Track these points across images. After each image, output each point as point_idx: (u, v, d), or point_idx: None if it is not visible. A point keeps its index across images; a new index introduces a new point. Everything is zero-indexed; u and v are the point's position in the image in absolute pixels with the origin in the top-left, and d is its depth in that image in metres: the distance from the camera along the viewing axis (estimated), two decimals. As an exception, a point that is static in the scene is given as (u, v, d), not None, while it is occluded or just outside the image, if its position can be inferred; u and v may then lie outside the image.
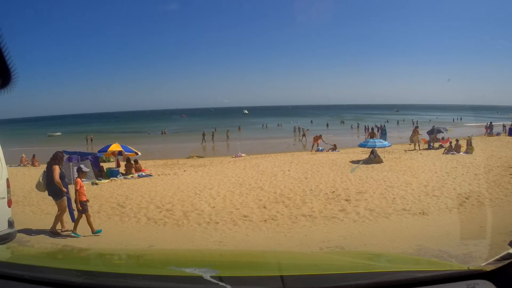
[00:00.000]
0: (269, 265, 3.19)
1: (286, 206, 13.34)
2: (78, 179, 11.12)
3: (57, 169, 10.93)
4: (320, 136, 37.52)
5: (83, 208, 10.88)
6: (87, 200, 11.40)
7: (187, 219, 12.43)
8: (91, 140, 60.01)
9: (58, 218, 11.05)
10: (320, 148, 34.74)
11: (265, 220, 11.87)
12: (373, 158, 24.12)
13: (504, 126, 48.06)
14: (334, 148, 33.93)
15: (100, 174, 22.76)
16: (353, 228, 10.95)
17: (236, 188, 16.88)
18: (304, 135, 50.47)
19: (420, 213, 12.18)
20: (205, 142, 52.10)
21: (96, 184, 20.43)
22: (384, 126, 42.08)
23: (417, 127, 36.49)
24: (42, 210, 14.45)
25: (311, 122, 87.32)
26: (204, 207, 13.71)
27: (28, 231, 11.33)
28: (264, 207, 13.37)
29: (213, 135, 54.86)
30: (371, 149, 25.09)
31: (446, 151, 28.22)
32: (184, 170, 24.11)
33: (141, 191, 17.73)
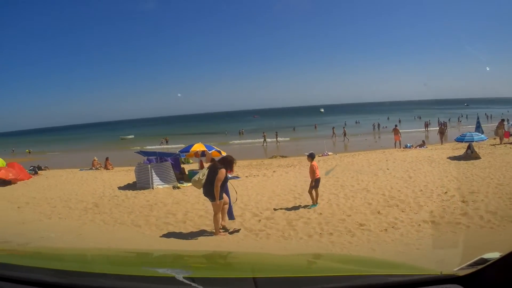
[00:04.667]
0: (242, 267, 3.20)
1: (402, 211, 12.19)
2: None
3: (223, 173, 10.58)
4: (397, 129, 38.39)
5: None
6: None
7: (294, 229, 11.03)
8: (166, 141, 61.30)
9: (217, 220, 10.84)
10: (409, 144, 34.54)
11: (386, 229, 10.58)
12: (470, 154, 23.35)
13: None
14: (422, 144, 33.78)
15: (182, 177, 21.45)
16: (485, 236, 9.78)
17: (338, 190, 15.66)
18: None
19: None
20: (266, 143, 52.67)
21: (178, 188, 19.16)
22: (478, 118, 39.37)
23: (503, 120, 35.64)
24: (116, 219, 13.50)
25: (388, 118, 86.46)
26: (310, 213, 12.45)
27: (98, 244, 10.48)
28: (378, 212, 12.21)
29: (276, 135, 54.84)
30: (467, 144, 24.34)
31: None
32: (274, 171, 23.23)
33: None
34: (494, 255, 2.10)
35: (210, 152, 23.47)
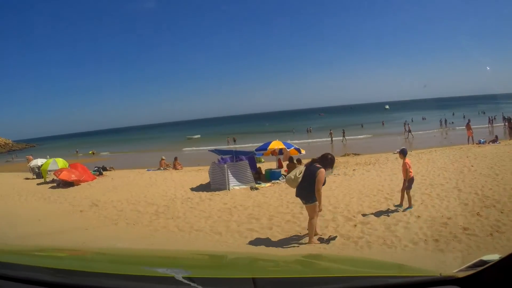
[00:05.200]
0: (242, 268, 3.21)
1: (501, 212, 11.08)
2: None
3: (323, 174, 9.68)
4: (469, 125, 37.48)
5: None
6: None
7: (395, 235, 9.87)
8: (234, 140, 60.85)
9: (312, 225, 9.91)
10: (482, 140, 33.38)
11: (491, 234, 9.48)
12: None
13: None
14: (495, 139, 32.51)
15: (258, 176, 20.18)
16: None
17: (429, 190, 14.32)
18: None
19: None
20: (332, 141, 51.85)
21: (256, 188, 17.65)
22: None
23: None
24: (192, 225, 12.11)
25: (453, 114, 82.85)
26: (407, 217, 11.27)
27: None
28: (478, 214, 11.05)
29: (343, 133, 53.39)
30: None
31: None
32: (353, 169, 22.04)
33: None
34: (494, 257, 2.10)
35: (288, 150, 22.51)
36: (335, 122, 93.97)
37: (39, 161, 30.77)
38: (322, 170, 9.64)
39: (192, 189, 18.19)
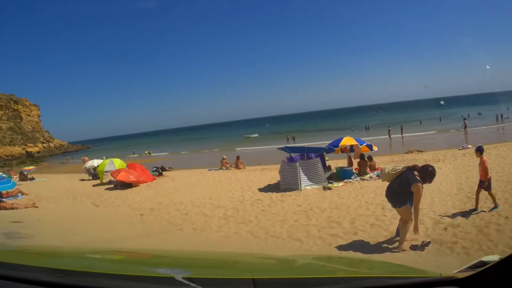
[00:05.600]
0: (242, 268, 3.16)
1: None
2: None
3: (420, 190, 8.74)
4: None
5: None
6: None
7: (489, 239, 8.96)
8: (293, 139, 59.75)
9: (405, 230, 9.06)
10: None
11: None
12: None
13: None
14: None
15: (329, 176, 18.66)
16: None
17: (508, 187, 13.33)
18: None
19: None
20: (390, 138, 50.54)
21: (329, 188, 16.29)
22: None
23: None
24: (266, 230, 10.97)
25: (507, 109, 78.03)
26: (495, 218, 10.19)
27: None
28: None
29: (401, 130, 52.59)
30: None
31: None
32: None
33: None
34: (494, 257, 2.10)
35: (360, 146, 21.26)
36: (392, 119, 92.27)
37: (95, 162, 30.46)
38: (419, 185, 8.73)
39: (260, 190, 17.01)
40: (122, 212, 15.07)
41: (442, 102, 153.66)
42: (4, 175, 21.28)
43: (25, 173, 35.10)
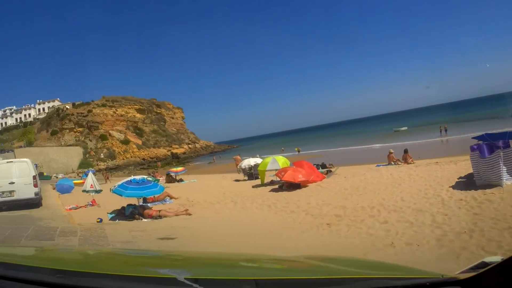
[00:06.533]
0: (244, 269, 3.23)
1: None
2: None
3: None
4: None
5: None
6: None
7: None
8: (445, 130, 55.63)
9: None
10: None
11: None
12: None
13: None
14: None
15: None
16: None
17: None
18: None
19: None
20: None
21: None
22: None
23: None
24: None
25: None
26: None
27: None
28: None
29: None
30: None
31: None
32: None
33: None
34: (496, 258, 2.12)
35: None
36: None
37: (251, 161, 29.39)
38: None
39: (453, 187, 14.03)
40: (303, 221, 12.74)
41: None
42: (149, 178, 20.17)
43: (172, 174, 35.17)
